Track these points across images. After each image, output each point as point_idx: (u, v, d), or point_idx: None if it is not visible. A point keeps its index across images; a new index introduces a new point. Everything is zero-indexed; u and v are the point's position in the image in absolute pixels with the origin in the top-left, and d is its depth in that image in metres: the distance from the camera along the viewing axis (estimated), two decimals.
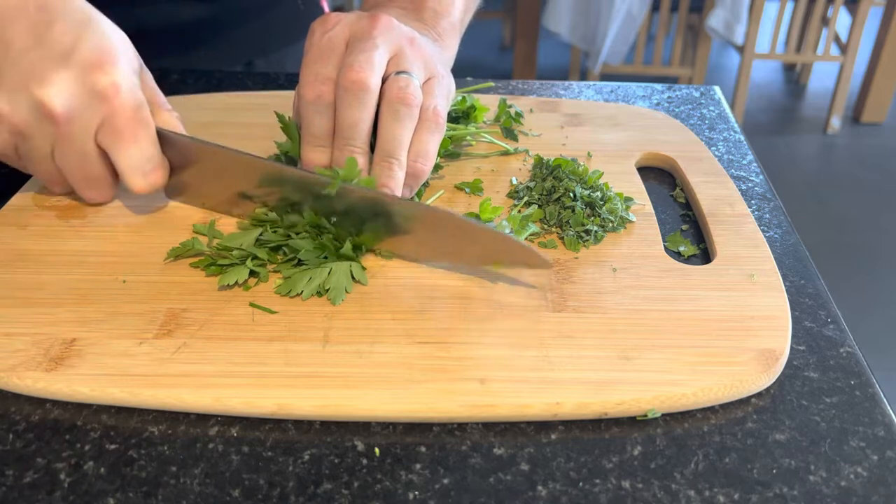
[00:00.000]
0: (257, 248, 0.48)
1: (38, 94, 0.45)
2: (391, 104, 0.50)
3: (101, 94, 0.46)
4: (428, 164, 0.52)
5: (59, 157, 0.49)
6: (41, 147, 0.48)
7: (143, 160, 0.49)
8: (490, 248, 0.47)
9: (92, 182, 0.51)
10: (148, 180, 0.50)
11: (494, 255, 0.47)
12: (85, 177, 0.50)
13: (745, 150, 0.65)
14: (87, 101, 0.46)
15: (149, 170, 0.50)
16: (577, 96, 0.74)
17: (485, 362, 0.41)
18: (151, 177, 0.50)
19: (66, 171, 0.50)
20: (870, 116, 2.87)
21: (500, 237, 0.46)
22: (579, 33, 2.61)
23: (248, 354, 0.42)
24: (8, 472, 0.37)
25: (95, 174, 0.50)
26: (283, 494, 0.36)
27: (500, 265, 0.47)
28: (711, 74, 3.31)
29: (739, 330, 0.44)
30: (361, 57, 0.50)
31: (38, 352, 0.41)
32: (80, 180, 0.50)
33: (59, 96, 0.45)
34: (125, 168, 0.49)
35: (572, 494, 0.36)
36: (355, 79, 0.49)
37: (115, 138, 0.48)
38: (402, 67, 0.51)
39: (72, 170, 0.50)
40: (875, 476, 0.37)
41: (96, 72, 0.46)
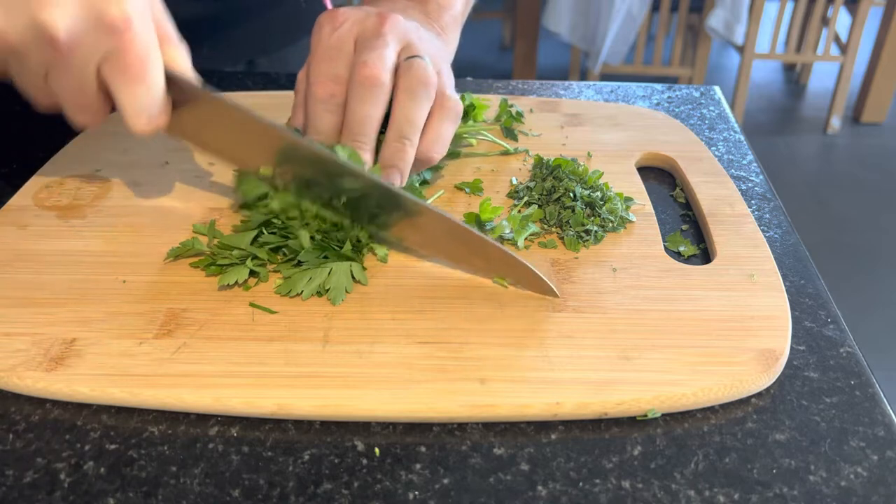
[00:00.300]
0: (257, 247, 0.48)
1: (41, 15, 0.41)
2: (409, 84, 0.50)
3: (109, 26, 0.42)
4: (440, 150, 0.52)
5: (54, 81, 0.45)
6: (35, 68, 0.45)
7: (148, 102, 0.45)
8: (499, 265, 0.47)
9: (85, 109, 0.47)
10: (151, 123, 0.46)
11: (501, 272, 0.47)
12: (79, 104, 0.47)
13: (745, 150, 0.65)
14: (94, 29, 0.42)
15: (154, 113, 0.46)
16: (577, 96, 0.74)
17: (485, 362, 0.41)
18: (155, 120, 0.47)
19: (60, 94, 0.46)
20: (870, 116, 2.87)
21: (513, 259, 0.46)
22: (579, 33, 2.61)
23: (248, 354, 0.42)
24: (8, 472, 0.37)
25: (91, 103, 0.46)
26: (283, 494, 0.36)
27: (503, 281, 0.47)
28: (711, 74, 3.31)
29: (739, 330, 0.44)
30: (374, 54, 0.50)
31: (38, 352, 0.41)
32: (73, 105, 0.47)
33: (62, 20, 0.41)
34: (129, 108, 0.45)
35: (572, 494, 0.36)
36: (369, 74, 0.49)
37: (120, 75, 0.44)
38: (412, 52, 0.52)
39: (66, 96, 0.46)
40: (875, 476, 0.37)
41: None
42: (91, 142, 0.63)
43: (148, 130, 0.47)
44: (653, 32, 3.05)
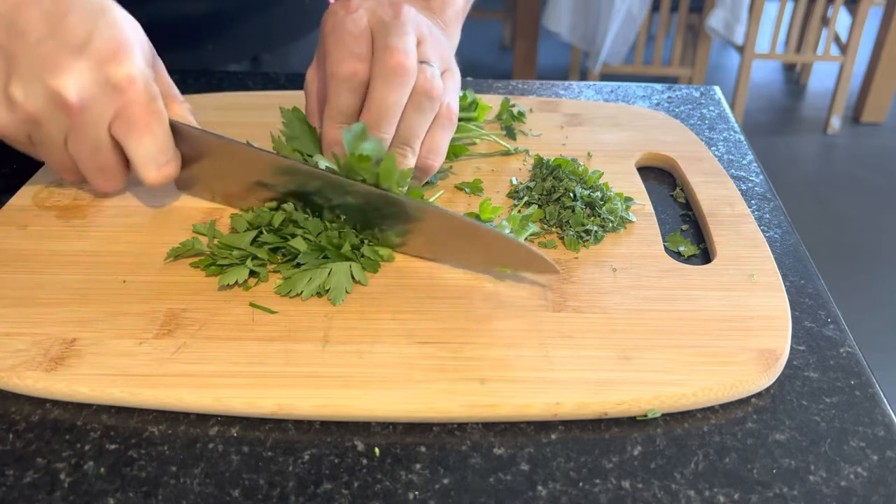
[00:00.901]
0: (257, 247, 0.48)
1: (53, 84, 0.45)
2: (416, 94, 0.51)
3: (115, 86, 0.46)
4: (438, 159, 0.53)
5: (73, 147, 0.49)
6: (54, 136, 0.48)
7: (156, 152, 0.49)
8: (497, 252, 0.47)
9: (104, 171, 0.51)
10: (161, 172, 0.50)
11: (501, 259, 0.47)
12: (97, 166, 0.50)
13: (745, 150, 0.65)
14: (102, 92, 0.46)
15: (162, 162, 0.50)
16: (577, 96, 0.74)
17: (485, 362, 0.41)
18: (165, 169, 0.50)
19: (79, 160, 0.50)
20: (870, 116, 2.87)
21: (508, 241, 0.46)
22: (579, 33, 2.61)
23: (248, 354, 0.42)
24: (8, 472, 0.37)
25: (108, 164, 0.50)
26: (283, 494, 0.36)
27: (506, 268, 0.47)
28: (711, 74, 3.30)
29: (739, 330, 0.44)
30: (401, 40, 0.50)
31: (38, 352, 0.41)
32: (93, 169, 0.50)
33: (73, 86, 0.45)
34: (139, 159, 0.49)
35: (572, 494, 0.36)
36: (401, 61, 0.50)
37: (129, 129, 0.48)
38: (426, 58, 0.52)
39: (84, 159, 0.49)
40: (875, 476, 0.37)
41: (111, 63, 0.46)
42: None
43: (159, 179, 0.50)
44: (653, 32, 3.05)
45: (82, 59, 0.46)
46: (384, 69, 0.50)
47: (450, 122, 0.54)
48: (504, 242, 0.46)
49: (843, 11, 2.92)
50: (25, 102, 0.46)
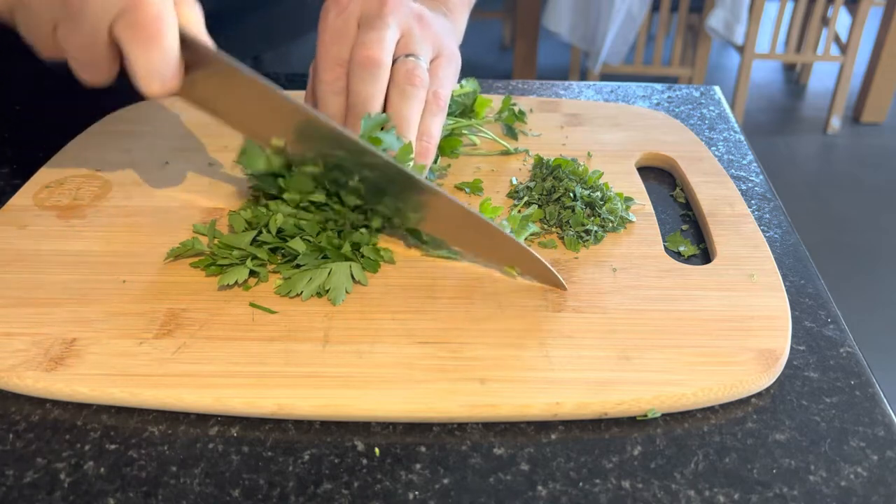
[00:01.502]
0: (256, 248, 0.48)
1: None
2: (399, 85, 0.52)
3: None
4: (433, 142, 0.53)
5: (63, 37, 0.44)
6: (44, 20, 0.43)
7: (162, 65, 0.44)
8: (508, 254, 0.47)
9: (93, 66, 0.45)
10: (164, 86, 0.45)
11: (511, 261, 0.48)
12: (87, 61, 0.45)
13: (745, 150, 0.65)
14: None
15: (167, 76, 0.44)
16: (577, 96, 0.74)
17: (485, 362, 0.41)
18: (168, 83, 0.45)
19: (67, 49, 0.45)
20: (870, 116, 2.87)
21: (525, 252, 0.47)
22: (579, 33, 2.61)
23: (248, 354, 0.42)
24: (8, 472, 0.37)
25: (100, 61, 0.45)
26: (283, 494, 0.36)
27: (513, 270, 0.48)
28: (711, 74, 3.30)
29: (739, 330, 0.44)
30: (373, 35, 0.51)
31: (38, 352, 0.41)
32: (81, 62, 0.45)
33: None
34: (141, 70, 0.44)
35: (572, 494, 0.36)
36: (368, 55, 0.51)
37: (134, 35, 0.42)
38: (411, 49, 0.53)
39: (74, 51, 0.44)
40: (875, 476, 0.37)
41: None
42: (91, 142, 0.63)
43: (160, 93, 0.45)
44: (653, 32, 3.05)
45: None
46: (354, 64, 0.51)
47: (438, 107, 0.54)
48: (518, 250, 0.47)
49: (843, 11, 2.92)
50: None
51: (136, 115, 0.67)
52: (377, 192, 0.49)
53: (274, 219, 0.48)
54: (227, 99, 0.49)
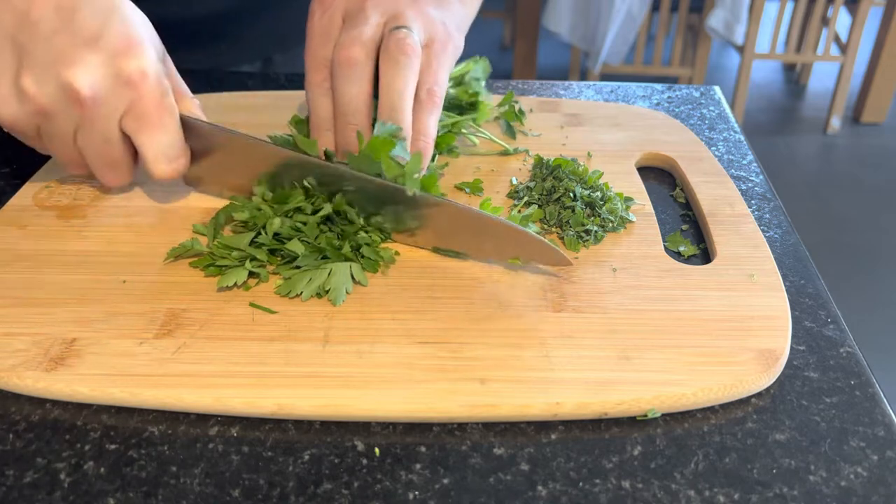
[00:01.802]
0: (255, 249, 0.48)
1: (66, 76, 0.45)
2: (390, 56, 0.51)
3: (127, 80, 0.47)
4: (429, 140, 0.53)
5: (82, 140, 0.49)
6: (64, 128, 0.48)
7: (167, 147, 0.49)
8: (508, 244, 0.47)
9: (112, 166, 0.51)
10: (171, 167, 0.50)
11: (512, 251, 0.48)
12: (106, 161, 0.50)
13: (745, 150, 0.65)
14: (114, 86, 0.47)
15: (173, 157, 0.50)
16: (577, 96, 0.74)
17: (485, 362, 0.41)
18: (175, 163, 0.50)
19: (88, 153, 0.50)
20: (870, 116, 2.87)
21: (521, 233, 0.47)
22: (579, 33, 2.61)
23: (248, 354, 0.42)
24: (8, 472, 0.37)
25: (117, 158, 0.50)
26: (283, 494, 0.36)
27: (517, 260, 0.48)
28: (711, 74, 3.30)
29: (739, 330, 0.44)
30: (352, 33, 0.51)
31: (38, 352, 0.41)
32: (101, 164, 0.50)
33: (86, 79, 0.45)
34: (150, 154, 0.49)
35: (572, 494, 0.36)
36: (346, 55, 0.50)
37: (140, 124, 0.48)
38: (399, 23, 0.52)
39: (93, 153, 0.50)
40: (875, 476, 0.37)
41: (123, 58, 0.46)
42: None
43: (169, 173, 0.50)
44: (653, 32, 3.05)
45: (95, 52, 0.46)
46: (335, 65, 0.51)
47: (433, 104, 0.52)
48: (515, 233, 0.47)
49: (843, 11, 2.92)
50: (37, 95, 0.46)
51: None
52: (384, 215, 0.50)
53: (271, 222, 0.48)
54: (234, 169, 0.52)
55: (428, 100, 0.52)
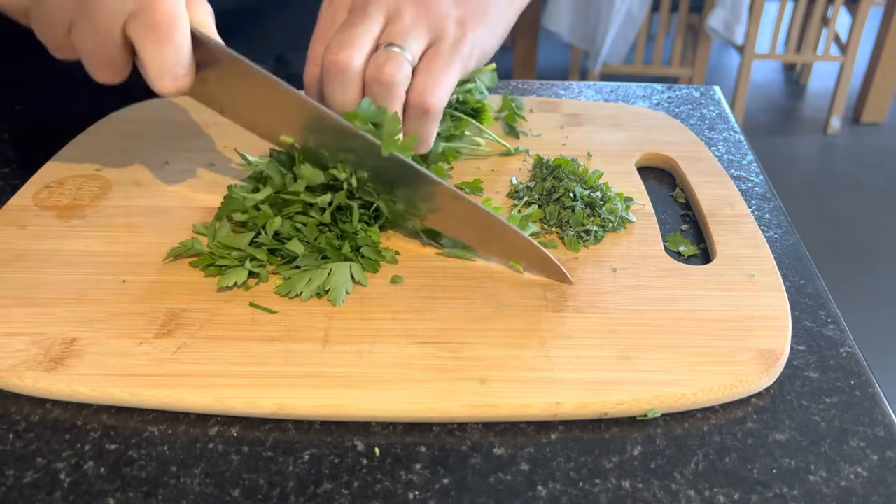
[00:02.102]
0: (255, 249, 0.48)
1: None
2: (368, 84, 0.48)
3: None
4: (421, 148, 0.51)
5: (78, 35, 0.45)
6: (59, 20, 0.44)
7: (174, 63, 0.45)
8: (514, 249, 0.48)
9: (107, 65, 0.46)
10: (176, 84, 0.46)
11: (516, 256, 0.48)
12: (101, 60, 0.46)
13: (745, 150, 0.65)
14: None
15: (179, 73, 0.45)
16: (577, 96, 0.74)
17: (485, 362, 0.41)
18: (180, 81, 0.46)
19: (81, 49, 0.46)
20: (870, 116, 2.87)
21: (529, 244, 0.47)
22: (579, 33, 2.61)
23: (248, 354, 0.42)
24: (8, 472, 0.37)
25: (114, 59, 0.46)
26: (283, 494, 0.36)
27: (518, 265, 0.48)
28: (711, 74, 3.30)
29: (739, 330, 0.44)
30: (345, 35, 0.48)
31: (38, 352, 0.41)
32: (95, 61, 0.46)
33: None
34: (154, 68, 0.45)
35: (572, 494, 0.36)
36: (333, 60, 0.48)
37: (147, 34, 0.43)
38: (392, 38, 0.48)
39: (88, 50, 0.45)
40: (875, 476, 0.37)
41: None
42: (91, 141, 0.63)
43: (172, 91, 0.46)
44: (653, 32, 3.05)
45: None
46: (324, 68, 0.48)
47: (422, 112, 0.48)
48: (524, 244, 0.47)
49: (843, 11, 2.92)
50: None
51: (136, 115, 0.67)
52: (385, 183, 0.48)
53: (271, 222, 0.48)
54: (237, 97, 0.49)
55: (416, 107, 0.49)
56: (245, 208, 0.49)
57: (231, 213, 0.49)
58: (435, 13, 0.50)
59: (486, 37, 0.53)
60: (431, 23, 0.50)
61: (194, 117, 0.65)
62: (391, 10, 0.49)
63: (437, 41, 0.50)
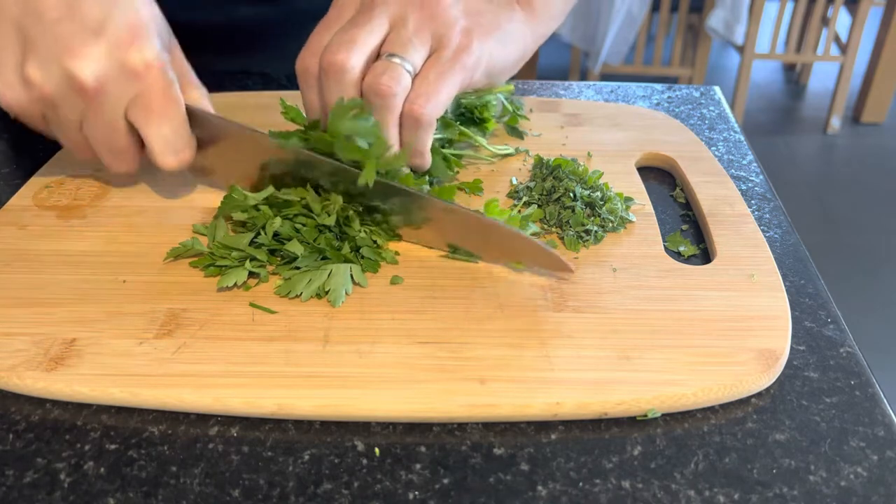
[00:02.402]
0: (255, 249, 0.48)
1: (70, 66, 0.45)
2: (365, 91, 0.48)
3: (132, 71, 0.46)
4: (419, 160, 0.51)
5: (88, 129, 0.49)
6: (70, 117, 0.48)
7: (173, 138, 0.49)
8: (512, 248, 0.48)
9: (118, 154, 0.50)
10: (177, 157, 0.50)
11: (515, 255, 0.48)
12: (112, 149, 0.50)
13: (745, 150, 0.65)
14: (118, 76, 0.46)
15: (179, 147, 0.50)
16: (577, 96, 0.74)
17: (485, 362, 0.41)
18: (181, 155, 0.50)
19: (94, 141, 0.50)
20: (870, 116, 2.87)
21: (524, 239, 0.47)
22: (579, 33, 2.61)
23: (248, 354, 0.42)
24: (8, 472, 0.37)
25: (123, 147, 0.50)
26: (283, 494, 0.36)
27: (520, 264, 0.48)
28: (711, 74, 3.30)
29: (739, 330, 0.44)
30: (347, 35, 0.48)
31: (38, 352, 0.41)
32: (107, 152, 0.50)
33: (90, 70, 0.45)
34: (155, 145, 0.49)
35: (572, 494, 0.36)
36: (332, 60, 0.48)
37: (146, 115, 0.48)
38: (392, 48, 0.48)
39: (99, 141, 0.49)
40: (875, 476, 0.37)
41: (128, 48, 0.46)
42: None
43: (175, 165, 0.50)
44: (653, 32, 3.05)
45: (99, 42, 0.45)
46: (321, 66, 0.49)
47: (414, 121, 0.48)
48: (517, 239, 0.47)
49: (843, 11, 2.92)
50: (42, 83, 0.46)
51: None
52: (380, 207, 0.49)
53: (271, 223, 0.48)
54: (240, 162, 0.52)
55: (410, 116, 0.48)
56: (245, 207, 0.49)
57: (230, 213, 0.50)
58: (441, 21, 0.50)
59: (496, 50, 0.52)
60: (435, 30, 0.50)
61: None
62: (396, 16, 0.49)
63: (439, 49, 0.50)
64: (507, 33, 0.54)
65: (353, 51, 0.48)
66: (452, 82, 0.49)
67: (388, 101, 0.48)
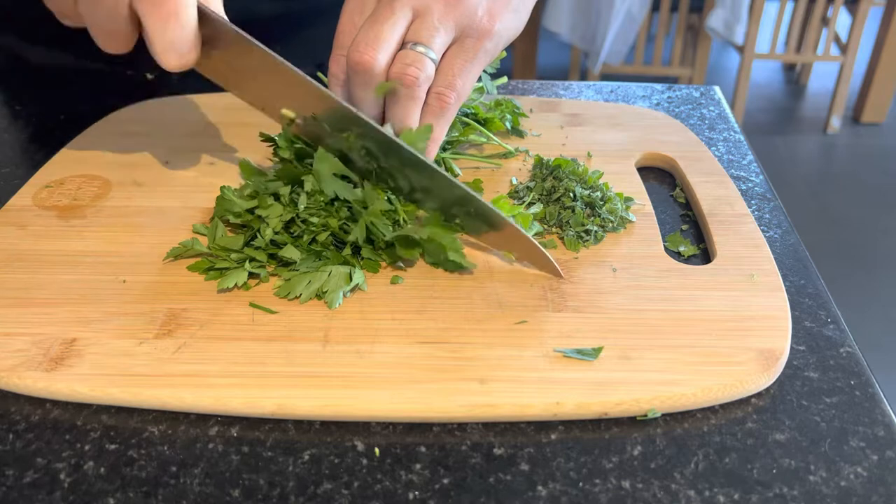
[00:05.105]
0: (253, 250, 0.48)
1: None
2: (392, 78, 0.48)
3: None
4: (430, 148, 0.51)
5: (84, 6, 0.45)
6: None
7: (180, 38, 0.45)
8: (507, 239, 0.48)
9: (112, 36, 0.46)
10: (182, 59, 0.46)
11: (509, 246, 0.48)
12: (106, 31, 0.46)
13: (745, 150, 0.65)
14: None
15: (184, 50, 0.46)
16: (577, 96, 0.74)
17: (485, 362, 0.41)
18: (185, 57, 0.46)
19: (88, 19, 0.46)
20: (870, 116, 2.87)
21: (521, 235, 0.47)
22: (579, 33, 2.61)
23: (248, 354, 0.42)
24: (8, 472, 0.37)
25: (119, 32, 0.46)
26: (283, 494, 0.36)
27: (511, 255, 0.49)
28: (711, 74, 3.30)
29: (739, 330, 0.44)
30: (371, 32, 0.48)
31: (38, 352, 0.41)
32: (101, 32, 0.47)
33: None
34: (160, 44, 0.45)
35: (572, 494, 0.36)
36: (359, 60, 0.48)
37: (154, 11, 0.44)
38: (418, 36, 0.48)
39: (94, 21, 0.46)
40: (875, 476, 0.37)
41: None
42: (91, 142, 0.63)
43: (177, 66, 0.46)
44: (653, 32, 3.05)
45: None
46: (348, 65, 0.48)
47: (440, 108, 0.49)
48: (518, 235, 0.47)
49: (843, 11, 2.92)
50: None
51: (136, 115, 0.67)
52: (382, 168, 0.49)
53: (265, 230, 0.48)
54: (242, 73, 0.50)
55: (436, 104, 0.49)
56: (238, 211, 0.49)
57: (224, 215, 0.49)
58: (464, 7, 0.49)
59: (511, 21, 0.52)
60: (459, 18, 0.49)
61: (194, 117, 0.65)
62: (419, 6, 0.49)
63: (462, 36, 0.50)
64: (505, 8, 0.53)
65: (378, 49, 0.48)
66: (476, 70, 0.50)
67: (414, 90, 0.48)
